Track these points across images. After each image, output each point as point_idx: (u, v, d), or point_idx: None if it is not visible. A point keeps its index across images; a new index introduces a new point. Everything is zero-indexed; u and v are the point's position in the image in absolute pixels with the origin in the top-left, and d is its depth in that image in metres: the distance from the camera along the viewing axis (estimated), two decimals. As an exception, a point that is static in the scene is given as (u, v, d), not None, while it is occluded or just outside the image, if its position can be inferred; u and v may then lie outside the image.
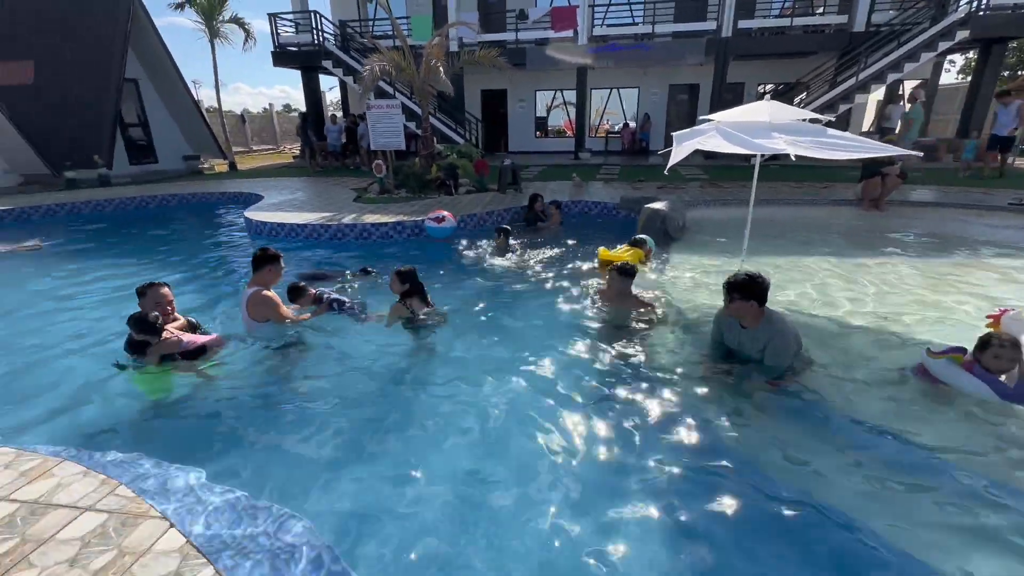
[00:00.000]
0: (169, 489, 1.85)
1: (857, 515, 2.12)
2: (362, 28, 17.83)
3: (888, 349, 3.58)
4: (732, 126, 4.27)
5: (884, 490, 2.32)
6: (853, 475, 2.41)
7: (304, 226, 6.96)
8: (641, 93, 18.13)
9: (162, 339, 3.24)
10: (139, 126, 14.73)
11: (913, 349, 3.44)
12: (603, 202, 8.48)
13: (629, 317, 4.06)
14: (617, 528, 2.10)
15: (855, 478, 2.39)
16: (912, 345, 3.55)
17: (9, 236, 7.11)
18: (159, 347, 3.23)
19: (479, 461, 2.54)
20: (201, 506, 1.75)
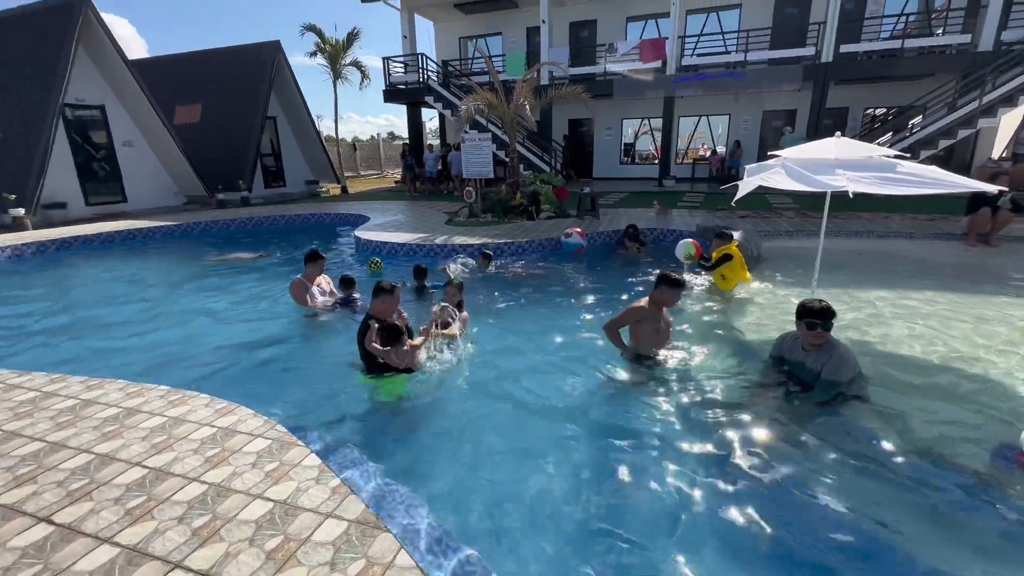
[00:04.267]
0: (394, 505, 2.05)
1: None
2: (461, 66, 19.50)
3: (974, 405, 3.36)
4: (797, 163, 4.45)
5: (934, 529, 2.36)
6: (897, 504, 2.51)
7: (403, 245, 7.96)
8: (732, 120, 17.83)
9: (407, 347, 3.58)
10: (273, 156, 17.28)
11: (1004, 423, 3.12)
12: (679, 230, 8.65)
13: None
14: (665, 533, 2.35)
15: (898, 506, 2.49)
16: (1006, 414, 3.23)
17: (242, 247, 8.72)
18: (403, 354, 3.54)
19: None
20: (425, 530, 1.92)
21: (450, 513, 2.40)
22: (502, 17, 19.07)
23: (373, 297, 3.76)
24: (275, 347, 4.69)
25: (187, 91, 16.32)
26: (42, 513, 1.99)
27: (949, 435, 3.03)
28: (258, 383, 3.89)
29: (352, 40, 21.91)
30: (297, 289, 5.18)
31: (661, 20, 17.20)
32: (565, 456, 2.91)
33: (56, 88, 10.84)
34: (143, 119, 13.07)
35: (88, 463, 2.32)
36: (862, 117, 16.41)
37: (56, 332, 5.20)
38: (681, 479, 2.65)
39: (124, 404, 2.88)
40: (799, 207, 11.05)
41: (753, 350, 4.14)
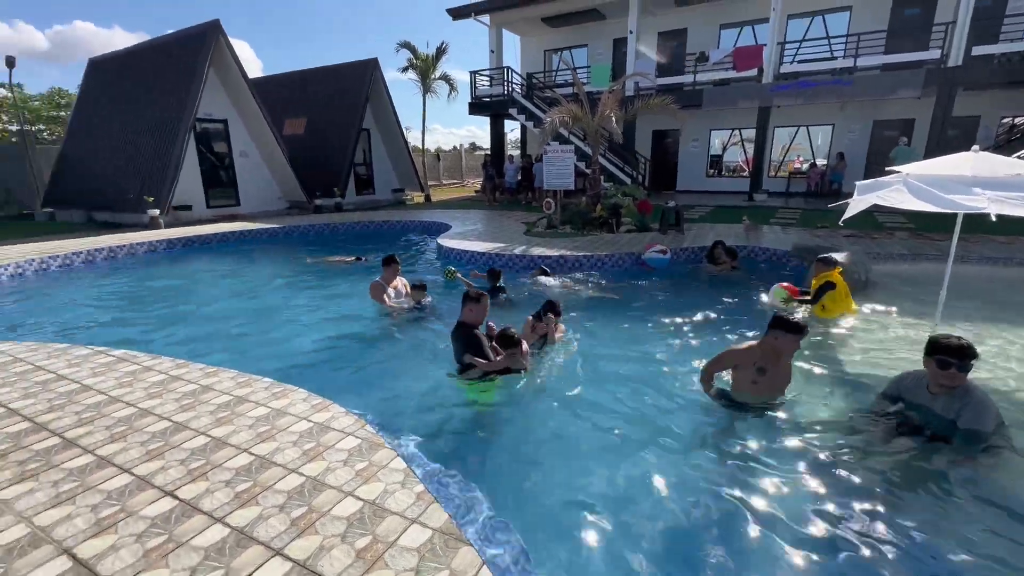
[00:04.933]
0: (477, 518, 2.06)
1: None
2: (545, 78, 19.70)
3: None
4: (922, 179, 3.97)
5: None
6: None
7: (483, 253, 8.13)
8: (836, 130, 16.43)
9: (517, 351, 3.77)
10: (364, 165, 18.43)
11: None
12: (773, 248, 8.07)
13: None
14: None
15: None
16: None
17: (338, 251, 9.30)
18: (511, 359, 3.77)
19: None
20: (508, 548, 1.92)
21: (530, 530, 2.37)
22: (588, 29, 19.06)
23: (463, 305, 3.90)
24: (363, 346, 4.96)
25: (295, 105, 17.91)
26: (168, 488, 2.22)
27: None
28: (348, 380, 4.13)
29: (441, 55, 22.94)
30: (375, 290, 5.66)
31: (758, 26, 16.32)
32: (653, 487, 2.77)
33: (190, 105, 12.33)
34: (257, 131, 14.49)
35: (205, 445, 2.56)
36: (997, 127, 14.45)
37: (177, 320, 5.86)
38: (776, 538, 2.41)
39: (235, 392, 3.16)
40: (914, 227, 9.91)
41: (864, 390, 3.73)
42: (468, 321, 3.87)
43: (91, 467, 2.37)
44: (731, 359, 3.46)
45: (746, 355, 3.38)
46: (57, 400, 3.07)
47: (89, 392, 3.18)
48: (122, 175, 13.04)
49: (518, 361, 3.84)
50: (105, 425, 2.76)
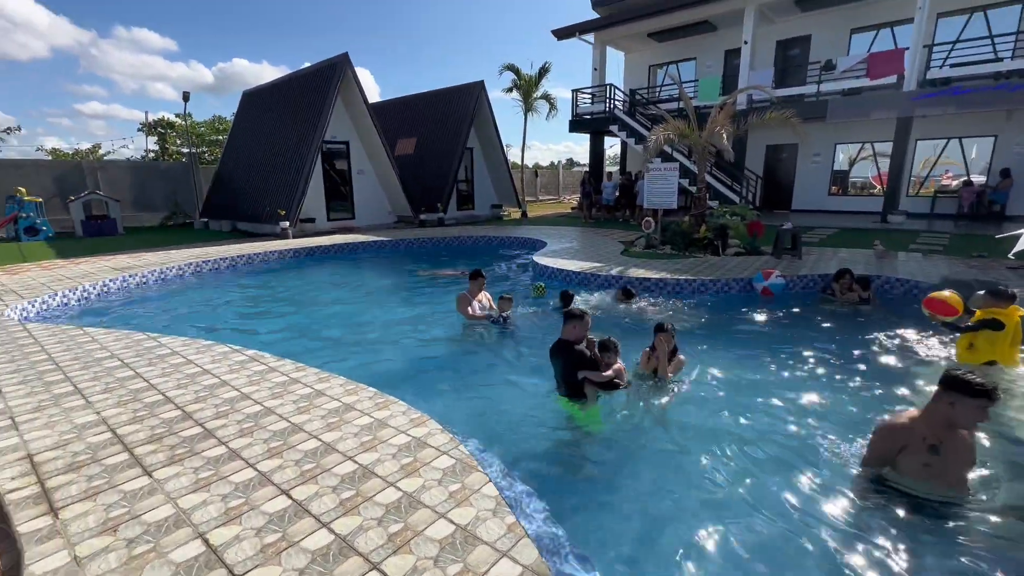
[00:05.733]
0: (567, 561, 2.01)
1: None
2: (649, 94, 19.24)
3: None
4: None
5: None
6: None
7: (578, 273, 8.03)
8: (999, 143, 14.02)
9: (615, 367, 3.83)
10: (466, 182, 19.25)
11: None
12: (913, 280, 7.03)
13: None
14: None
15: None
16: None
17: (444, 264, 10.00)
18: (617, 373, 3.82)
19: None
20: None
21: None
22: (697, 42, 18.34)
23: (564, 323, 3.92)
24: (459, 360, 5.12)
25: (407, 126, 19.31)
26: (284, 486, 2.41)
27: None
28: (445, 395, 4.26)
29: (543, 75, 23.45)
30: (462, 302, 5.97)
31: (898, 28, 14.57)
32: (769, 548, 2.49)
33: (320, 129, 13.80)
34: (373, 151, 15.80)
35: (316, 448, 2.75)
36: None
37: (298, 324, 6.49)
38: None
39: (344, 399, 3.38)
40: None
41: None
42: (570, 338, 3.88)
43: (224, 458, 2.66)
44: (892, 438, 2.66)
45: (910, 430, 2.62)
46: (201, 392, 3.51)
47: (226, 387, 3.59)
48: (261, 191, 14.91)
49: (622, 375, 3.87)
50: (236, 420, 3.09)
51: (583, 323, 3.87)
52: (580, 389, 3.79)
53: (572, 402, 3.82)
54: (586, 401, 3.77)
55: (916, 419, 2.64)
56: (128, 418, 3.11)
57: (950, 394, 2.50)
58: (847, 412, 3.86)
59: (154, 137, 28.34)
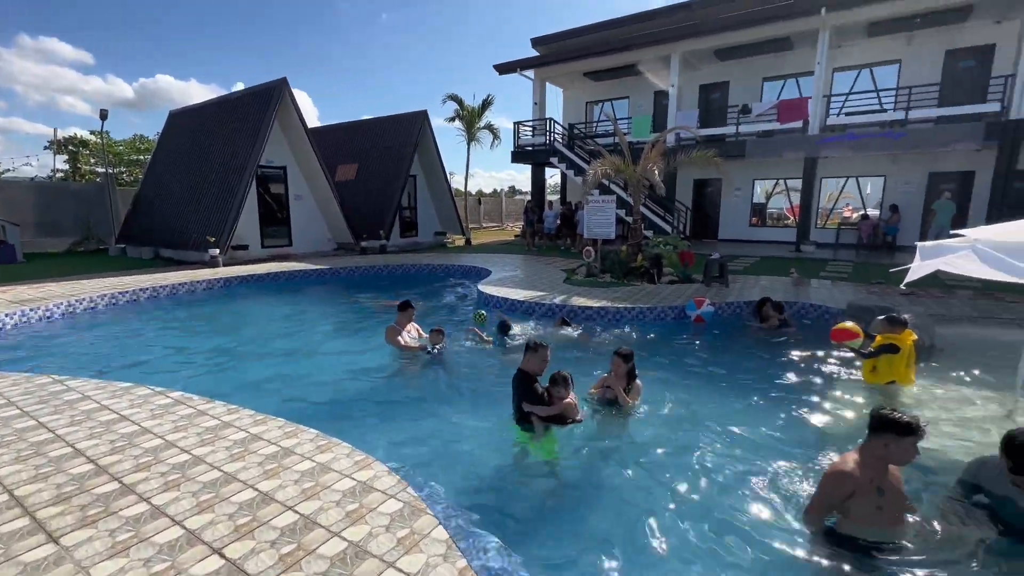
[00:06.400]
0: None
1: None
2: (587, 129, 20.21)
3: None
4: (994, 246, 3.76)
5: None
6: None
7: (522, 301, 8.17)
8: (888, 182, 15.92)
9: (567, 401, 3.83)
10: (409, 209, 19.15)
11: None
12: (824, 305, 7.74)
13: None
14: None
15: None
16: None
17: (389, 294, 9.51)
18: (566, 407, 3.82)
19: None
20: None
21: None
22: (629, 83, 19.58)
23: (524, 353, 4.00)
24: (406, 396, 5.01)
25: (348, 152, 19.04)
26: (216, 544, 2.25)
27: None
28: (390, 433, 4.13)
29: (486, 106, 24.07)
30: (390, 334, 6.00)
31: (802, 79, 16.35)
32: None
33: (256, 152, 13.30)
34: (312, 176, 15.40)
35: (252, 499, 2.59)
36: (1069, 181, 13.64)
37: (230, 361, 6.10)
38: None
39: (282, 443, 3.22)
40: (980, 286, 9.30)
41: (934, 469, 3.43)
42: (528, 370, 3.94)
43: (146, 516, 2.44)
44: (844, 483, 2.58)
45: (859, 474, 2.57)
46: (119, 442, 3.21)
47: (148, 436, 3.31)
48: (189, 216, 14.05)
49: (572, 408, 3.86)
50: (160, 472, 2.86)
51: (538, 355, 3.92)
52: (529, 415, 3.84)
53: (525, 432, 3.85)
54: (537, 432, 3.80)
55: (859, 462, 2.62)
56: (29, 476, 2.79)
57: (883, 435, 2.54)
58: (781, 434, 4.12)
59: (64, 155, 26.05)
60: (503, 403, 4.21)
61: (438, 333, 6.07)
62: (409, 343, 5.99)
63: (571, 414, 3.89)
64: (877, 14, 13.38)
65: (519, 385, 3.90)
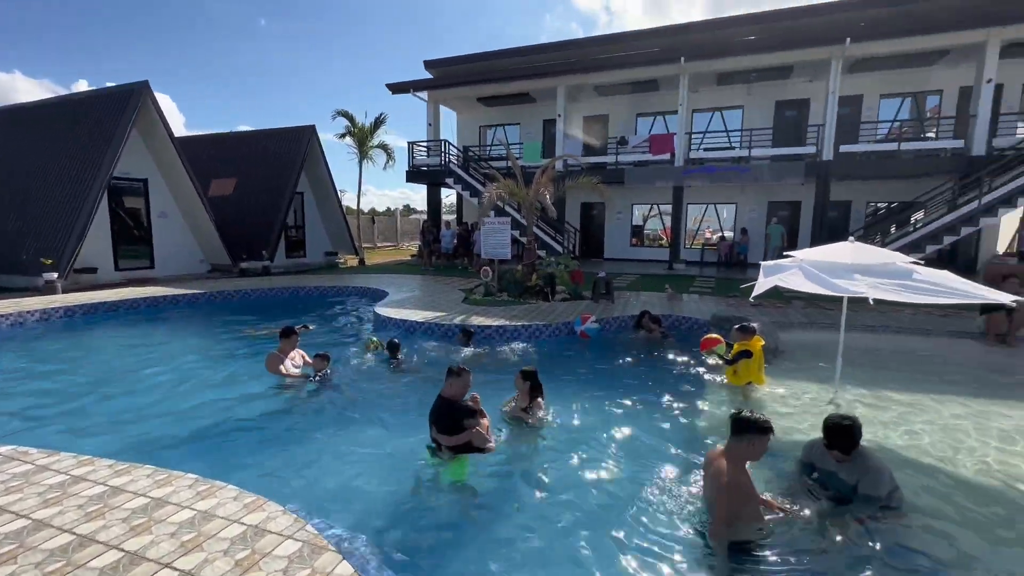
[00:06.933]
0: None
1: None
2: (481, 151, 20.77)
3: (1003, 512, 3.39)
4: (814, 265, 4.62)
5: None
6: None
7: (421, 323, 8.09)
8: (739, 209, 18.53)
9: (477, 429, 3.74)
10: (296, 227, 18.03)
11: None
12: (694, 317, 8.74)
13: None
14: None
15: None
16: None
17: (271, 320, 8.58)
18: (474, 435, 3.73)
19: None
20: None
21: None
22: (521, 109, 20.58)
23: (446, 379, 3.93)
24: (295, 429, 4.69)
25: (225, 166, 17.44)
26: (71, 620, 1.94)
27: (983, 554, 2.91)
28: (282, 471, 3.85)
29: (379, 125, 23.56)
30: (272, 362, 5.67)
31: (669, 116, 18.49)
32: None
33: (107, 164, 11.64)
34: (180, 191, 13.86)
35: (117, 562, 2.27)
36: (865, 210, 17.02)
37: (78, 405, 5.23)
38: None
39: (152, 494, 2.86)
40: (809, 297, 11.18)
41: (781, 453, 4.06)
42: (447, 395, 3.88)
43: (-30, 601, 2.03)
44: (748, 492, 2.81)
45: (748, 481, 2.84)
46: (-76, 515, 2.62)
47: (-33, 502, 2.74)
48: (16, 234, 11.82)
49: (481, 437, 3.80)
50: (-11, 544, 2.39)
51: (460, 380, 3.88)
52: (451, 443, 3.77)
53: (435, 456, 3.81)
54: (450, 456, 3.75)
55: (734, 466, 2.84)
56: None
57: (747, 435, 2.85)
58: (668, 438, 4.52)
59: None
60: (398, 427, 4.16)
61: (322, 359, 5.84)
62: (292, 371, 5.71)
63: (481, 443, 3.80)
64: (723, 67, 15.69)
65: (434, 411, 3.83)
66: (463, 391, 3.93)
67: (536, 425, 4.44)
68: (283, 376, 5.62)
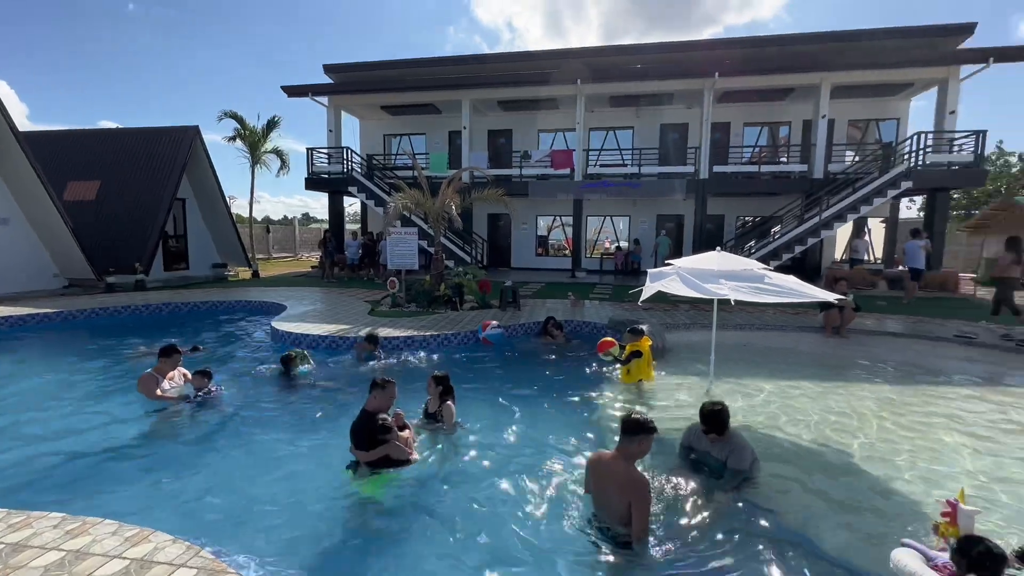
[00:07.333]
0: None
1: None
2: (386, 160, 20.41)
3: (847, 477, 4.08)
4: (689, 272, 5.26)
5: None
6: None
7: (324, 336, 7.78)
8: (632, 221, 20.11)
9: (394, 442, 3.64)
10: (176, 237, 16.32)
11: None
12: (594, 322, 9.37)
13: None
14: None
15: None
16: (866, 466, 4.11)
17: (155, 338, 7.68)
18: (391, 448, 3.64)
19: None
20: None
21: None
22: (426, 120, 20.59)
23: (369, 392, 3.80)
24: (184, 451, 4.33)
25: (85, 167, 15.30)
26: None
27: (820, 506, 3.55)
28: (172, 499, 3.54)
29: (272, 128, 22.18)
30: (146, 383, 5.23)
31: (568, 134, 19.61)
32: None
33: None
34: (24, 193, 11.96)
35: (-36, 617, 2.00)
36: (736, 223, 19.35)
37: None
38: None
39: (7, 539, 2.51)
40: (693, 300, 12.47)
41: (668, 439, 4.55)
42: (371, 408, 3.75)
43: None
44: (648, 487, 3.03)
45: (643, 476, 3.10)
46: None
47: None
48: None
49: (400, 450, 3.73)
50: None
51: (385, 392, 3.78)
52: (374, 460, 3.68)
53: (355, 473, 3.71)
54: (369, 472, 3.67)
55: (627, 464, 3.02)
56: None
57: (638, 436, 3.03)
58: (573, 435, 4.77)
59: None
60: (300, 445, 4.03)
61: (201, 376, 5.45)
62: (168, 393, 5.28)
63: (400, 455, 3.73)
64: (615, 90, 17.06)
65: (356, 427, 3.71)
66: (389, 403, 3.83)
67: (449, 432, 4.53)
68: (159, 399, 5.16)
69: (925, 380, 6.56)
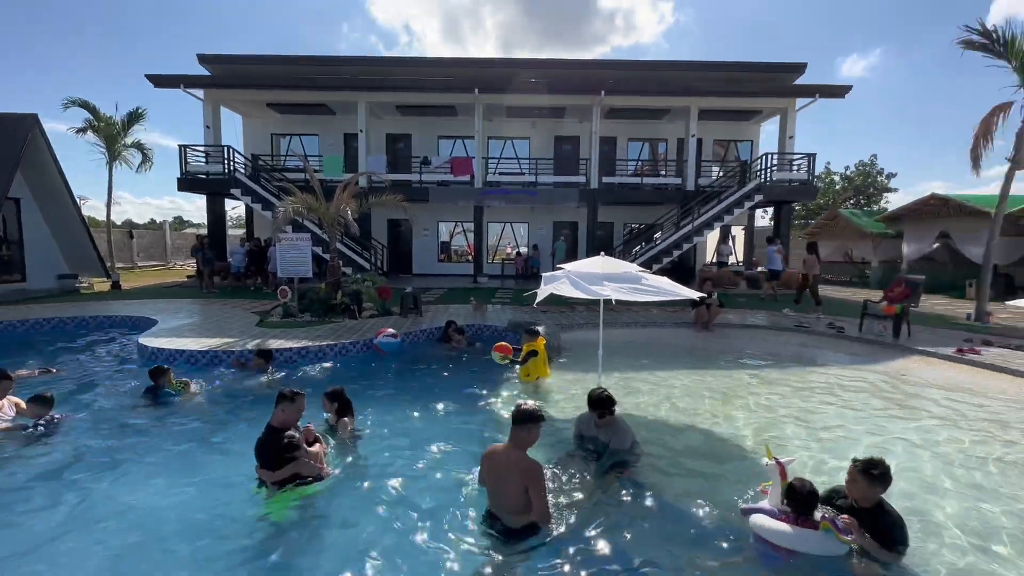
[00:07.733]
0: None
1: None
2: (273, 161, 19.11)
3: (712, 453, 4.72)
4: (576, 275, 5.70)
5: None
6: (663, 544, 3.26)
7: (204, 352, 7.13)
8: (530, 227, 20.93)
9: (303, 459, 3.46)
10: (6, 244, 13.83)
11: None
12: (495, 325, 9.64)
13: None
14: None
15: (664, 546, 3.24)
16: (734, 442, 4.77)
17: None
18: (300, 466, 3.45)
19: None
20: None
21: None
22: (319, 120, 19.64)
23: (276, 405, 3.56)
24: (28, 496, 3.77)
25: None
26: None
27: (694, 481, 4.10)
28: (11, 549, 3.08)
29: (135, 120, 19.63)
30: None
31: (468, 141, 19.90)
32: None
33: None
34: None
35: None
36: (624, 230, 20.99)
37: None
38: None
39: None
40: (587, 302, 13.33)
41: (564, 428, 4.91)
42: (278, 423, 3.53)
43: None
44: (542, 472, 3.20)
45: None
46: None
47: None
48: None
49: (309, 467, 3.56)
50: None
51: (293, 406, 3.57)
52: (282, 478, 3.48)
53: (259, 489, 3.50)
54: (273, 487, 3.47)
55: (520, 453, 3.19)
56: None
57: (527, 424, 3.19)
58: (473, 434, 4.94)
59: None
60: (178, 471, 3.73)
61: (38, 403, 4.80)
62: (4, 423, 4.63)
63: (310, 472, 3.56)
64: (511, 101, 17.68)
65: (261, 445, 3.48)
66: (297, 417, 3.64)
67: (350, 441, 4.45)
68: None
69: (776, 364, 7.74)
